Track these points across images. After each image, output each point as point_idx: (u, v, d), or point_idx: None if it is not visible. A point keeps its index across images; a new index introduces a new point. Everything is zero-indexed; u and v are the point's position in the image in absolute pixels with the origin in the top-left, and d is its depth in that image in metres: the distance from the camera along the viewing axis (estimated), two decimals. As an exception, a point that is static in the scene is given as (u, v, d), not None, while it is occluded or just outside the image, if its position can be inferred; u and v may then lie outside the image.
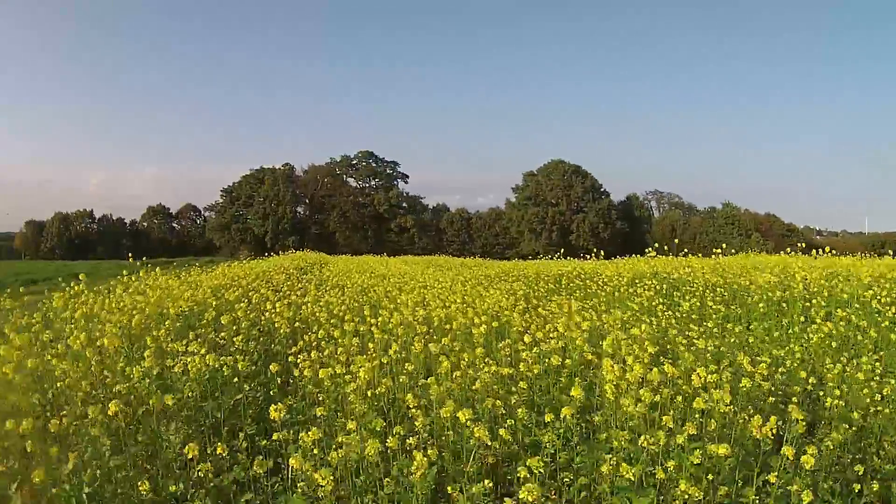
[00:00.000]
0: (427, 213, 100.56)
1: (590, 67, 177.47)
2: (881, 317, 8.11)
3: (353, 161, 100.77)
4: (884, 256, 16.95)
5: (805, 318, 8.23)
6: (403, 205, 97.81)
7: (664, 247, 15.68)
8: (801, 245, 17.43)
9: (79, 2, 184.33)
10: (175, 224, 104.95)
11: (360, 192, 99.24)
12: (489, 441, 2.87)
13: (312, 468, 2.90)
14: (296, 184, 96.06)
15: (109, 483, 3.30)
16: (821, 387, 5.60)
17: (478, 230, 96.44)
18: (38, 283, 20.85)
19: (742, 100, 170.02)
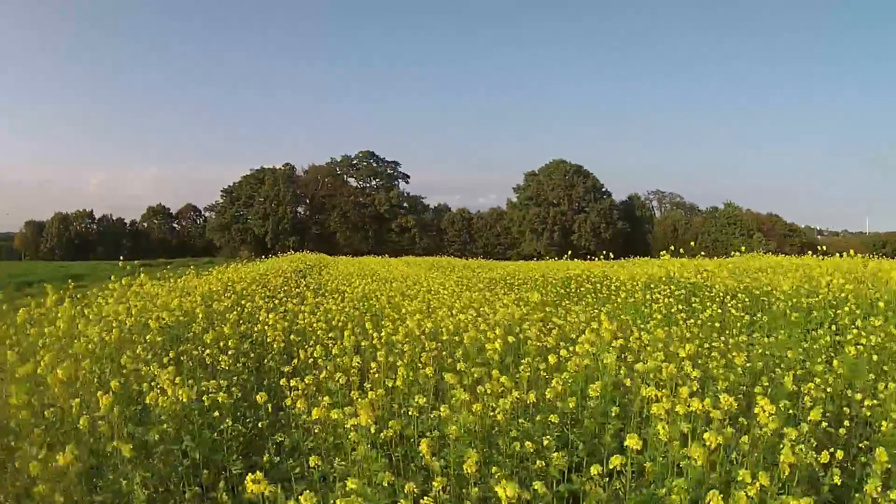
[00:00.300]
0: (428, 214, 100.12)
1: (590, 67, 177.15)
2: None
3: (354, 161, 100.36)
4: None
5: (834, 327, 7.75)
6: (404, 205, 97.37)
7: (679, 249, 15.16)
8: (801, 243, 16.96)
9: (79, 2, 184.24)
10: (175, 224, 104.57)
11: (361, 192, 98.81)
12: (521, 496, 2.38)
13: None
14: (296, 184, 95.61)
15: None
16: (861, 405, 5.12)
17: (479, 230, 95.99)
18: (33, 286, 20.39)
19: (743, 100, 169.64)
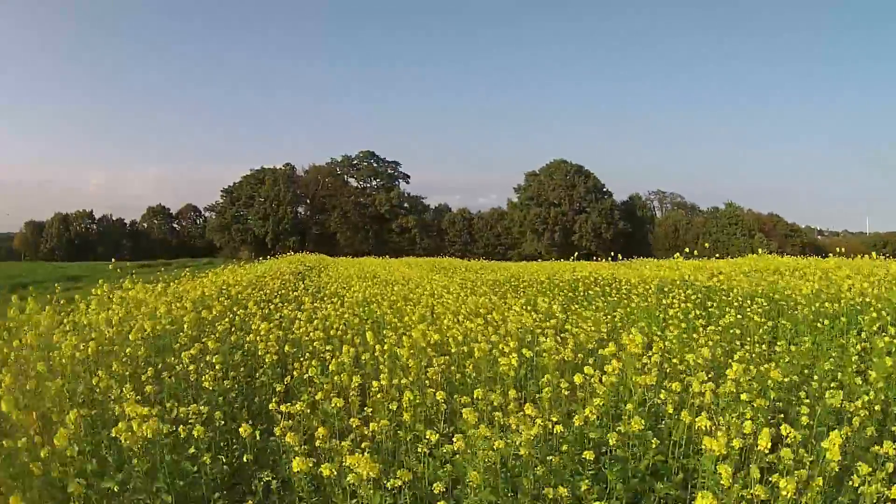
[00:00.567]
0: (428, 214, 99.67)
1: (590, 67, 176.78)
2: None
3: (354, 161, 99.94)
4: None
5: (864, 334, 7.34)
6: (405, 205, 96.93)
7: (693, 251, 14.73)
8: (802, 243, 16.56)
9: (79, 2, 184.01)
10: (175, 224, 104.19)
11: (362, 193, 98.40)
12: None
13: None
14: (296, 184, 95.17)
15: None
16: None
17: (479, 231, 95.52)
18: (28, 287, 19.92)
19: (743, 100, 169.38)
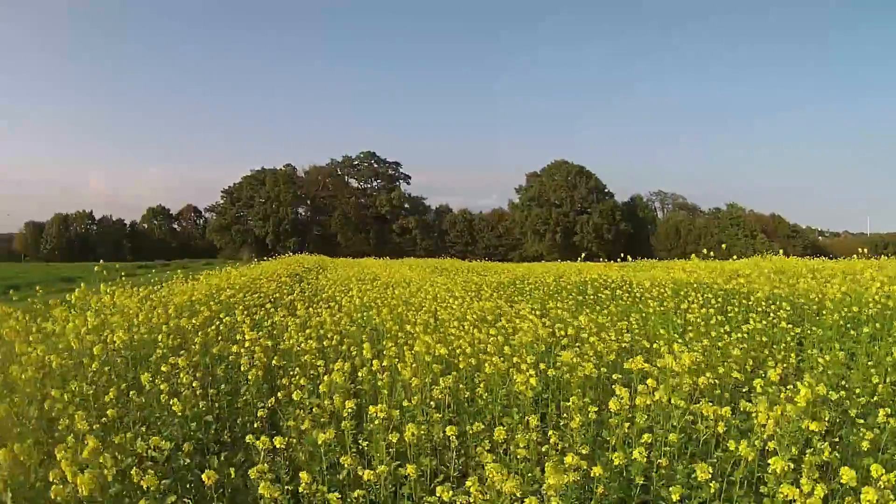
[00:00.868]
0: (429, 215, 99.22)
1: (591, 67, 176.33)
2: None
3: (355, 161, 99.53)
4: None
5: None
6: (406, 206, 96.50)
7: (710, 252, 14.20)
8: (804, 244, 16.03)
9: (79, 2, 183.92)
10: (175, 225, 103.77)
11: (362, 193, 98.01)
12: None
13: None
14: (297, 184, 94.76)
15: None
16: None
17: (480, 231, 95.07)
18: (21, 289, 19.53)
19: (744, 100, 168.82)
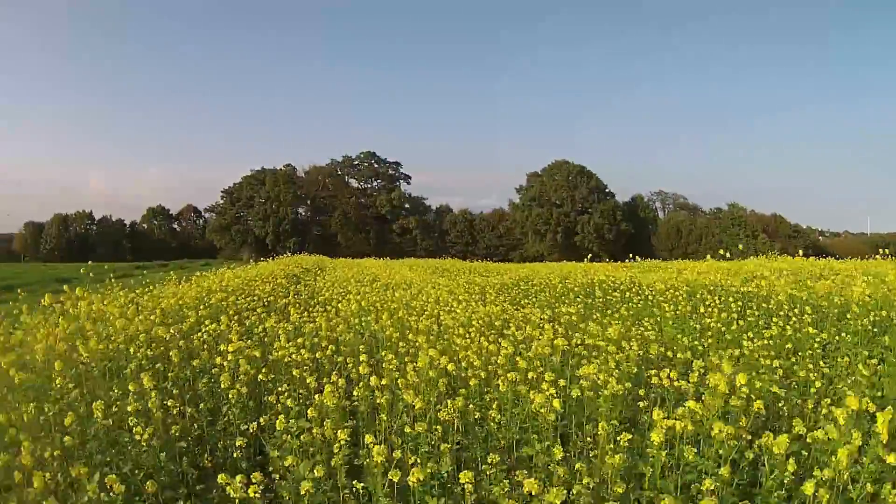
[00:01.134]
0: (430, 215, 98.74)
1: (592, 67, 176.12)
2: None
3: (355, 161, 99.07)
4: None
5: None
6: (406, 206, 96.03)
7: (726, 253, 13.65)
8: (805, 244, 15.52)
9: (79, 2, 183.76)
10: (175, 225, 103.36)
11: (362, 193, 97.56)
12: None
13: None
14: (297, 184, 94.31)
15: None
16: None
17: (481, 231, 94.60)
18: (13, 290, 19.05)
19: (744, 100, 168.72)
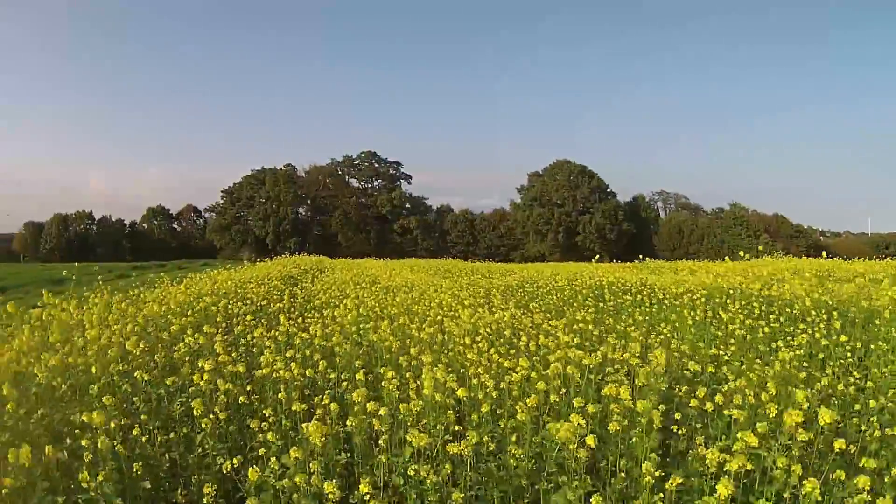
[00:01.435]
0: (430, 215, 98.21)
1: (592, 67, 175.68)
2: None
3: (356, 161, 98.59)
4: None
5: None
6: (407, 206, 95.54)
7: (742, 254, 13.15)
8: (807, 244, 15.04)
9: (79, 2, 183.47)
10: (175, 225, 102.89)
11: (363, 193, 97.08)
12: None
13: None
14: (297, 184, 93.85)
15: None
16: None
17: (482, 232, 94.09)
18: (8, 292, 18.68)
19: (744, 100, 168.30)
